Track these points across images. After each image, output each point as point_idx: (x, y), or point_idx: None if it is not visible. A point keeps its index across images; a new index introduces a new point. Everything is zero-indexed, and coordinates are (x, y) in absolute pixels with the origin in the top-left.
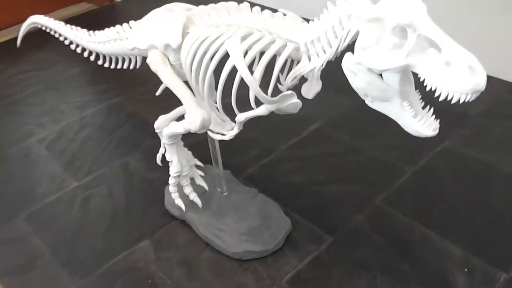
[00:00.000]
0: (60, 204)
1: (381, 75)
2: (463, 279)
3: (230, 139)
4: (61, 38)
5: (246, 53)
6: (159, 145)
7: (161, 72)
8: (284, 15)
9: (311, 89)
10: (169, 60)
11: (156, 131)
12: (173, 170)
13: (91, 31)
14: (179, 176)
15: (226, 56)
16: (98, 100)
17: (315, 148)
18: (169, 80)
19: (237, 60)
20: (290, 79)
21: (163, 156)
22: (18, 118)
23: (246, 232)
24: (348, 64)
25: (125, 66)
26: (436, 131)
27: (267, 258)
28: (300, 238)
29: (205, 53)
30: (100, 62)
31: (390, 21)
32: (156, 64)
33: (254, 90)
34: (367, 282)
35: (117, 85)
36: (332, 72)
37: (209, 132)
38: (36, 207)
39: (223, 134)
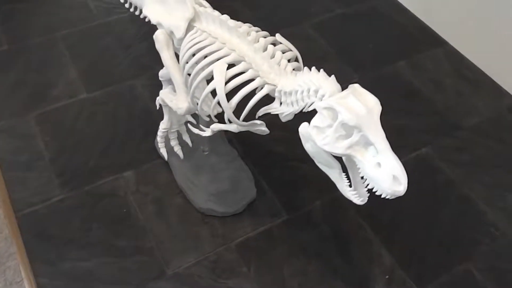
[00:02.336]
0: (67, 113)
1: None
2: (381, 285)
3: None
4: None
5: (228, 80)
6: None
7: (163, 54)
8: (279, 43)
9: (284, 117)
10: (173, 42)
11: (160, 79)
12: (162, 126)
13: None
14: (167, 131)
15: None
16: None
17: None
18: (168, 63)
19: (219, 87)
20: (261, 113)
21: None
22: (48, 6)
23: (214, 193)
24: (302, 131)
25: (136, 13)
26: (364, 202)
27: (227, 219)
28: (261, 208)
29: (197, 63)
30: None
31: (341, 117)
32: (160, 45)
33: (229, 115)
34: (302, 265)
35: None
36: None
37: (189, 125)
38: (47, 109)
39: (202, 130)
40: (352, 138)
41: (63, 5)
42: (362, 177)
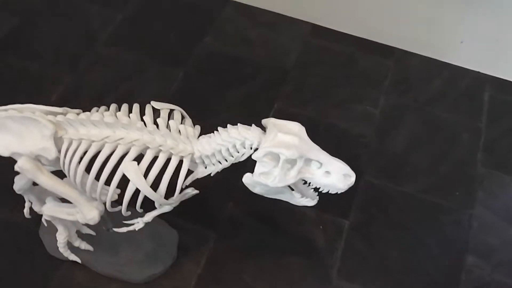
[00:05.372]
0: None
1: None
2: (321, 235)
3: None
4: None
5: (145, 174)
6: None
7: (40, 179)
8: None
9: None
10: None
11: (18, 192)
12: (61, 237)
13: None
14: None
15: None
16: None
17: None
18: (53, 185)
19: (141, 187)
20: (189, 182)
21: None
22: None
23: (144, 259)
24: (248, 181)
25: None
26: (316, 201)
27: (169, 272)
28: (190, 243)
29: (99, 172)
30: None
31: (283, 156)
32: (32, 173)
33: (162, 202)
34: (256, 265)
35: None
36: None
37: (114, 229)
38: None
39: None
40: (297, 166)
41: None
42: (305, 183)
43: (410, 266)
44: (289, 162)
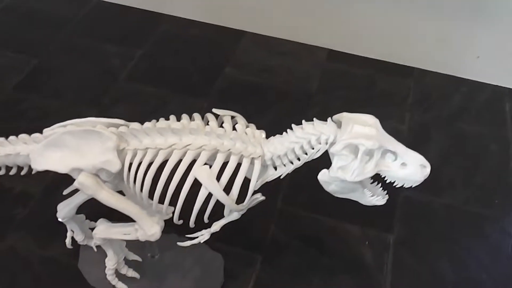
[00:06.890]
0: None
1: None
2: (368, 252)
3: None
4: None
5: (218, 177)
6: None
7: (101, 195)
8: (233, 117)
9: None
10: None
11: (61, 220)
12: (110, 263)
13: None
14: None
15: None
16: None
17: None
18: (113, 201)
19: (215, 191)
20: (258, 186)
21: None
22: None
23: (193, 285)
24: (324, 177)
25: (23, 173)
26: (386, 199)
27: None
28: (236, 267)
29: (168, 181)
30: None
31: (364, 147)
32: (92, 189)
33: (232, 207)
34: (305, 285)
35: None
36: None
37: (179, 243)
38: None
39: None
40: (375, 157)
41: None
42: (373, 182)
43: (464, 277)
44: (367, 153)
